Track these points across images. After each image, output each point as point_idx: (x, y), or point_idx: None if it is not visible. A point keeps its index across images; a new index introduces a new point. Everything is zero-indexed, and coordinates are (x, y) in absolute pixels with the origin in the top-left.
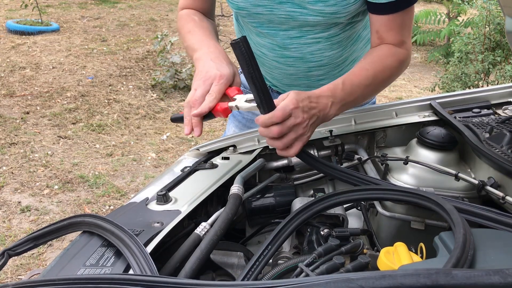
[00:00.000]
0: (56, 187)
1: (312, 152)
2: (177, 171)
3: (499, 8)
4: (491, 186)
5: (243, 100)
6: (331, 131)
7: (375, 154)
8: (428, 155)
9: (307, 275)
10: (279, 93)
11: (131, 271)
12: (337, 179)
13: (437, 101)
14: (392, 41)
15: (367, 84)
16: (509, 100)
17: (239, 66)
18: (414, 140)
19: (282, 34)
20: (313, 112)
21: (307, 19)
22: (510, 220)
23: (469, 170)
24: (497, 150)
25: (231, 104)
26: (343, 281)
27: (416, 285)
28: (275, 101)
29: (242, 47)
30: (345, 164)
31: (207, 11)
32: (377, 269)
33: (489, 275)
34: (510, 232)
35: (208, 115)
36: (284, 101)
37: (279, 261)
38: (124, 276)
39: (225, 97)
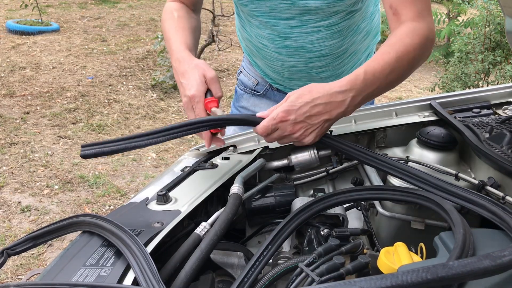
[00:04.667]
0: (56, 187)
1: (312, 151)
2: (177, 171)
3: (499, 8)
4: (491, 186)
5: (219, 113)
6: (331, 131)
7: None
8: (428, 155)
9: (307, 275)
10: (279, 91)
11: (131, 271)
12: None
13: (437, 101)
14: (408, 15)
15: (391, 69)
16: (509, 100)
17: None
18: (414, 140)
19: (283, 23)
20: (314, 119)
21: (308, 4)
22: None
23: (469, 170)
24: (497, 150)
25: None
26: (344, 284)
27: (417, 280)
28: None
29: (91, 151)
30: (345, 164)
31: (193, 2)
32: (377, 269)
33: (480, 261)
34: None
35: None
36: (272, 114)
37: (279, 261)
38: (121, 286)
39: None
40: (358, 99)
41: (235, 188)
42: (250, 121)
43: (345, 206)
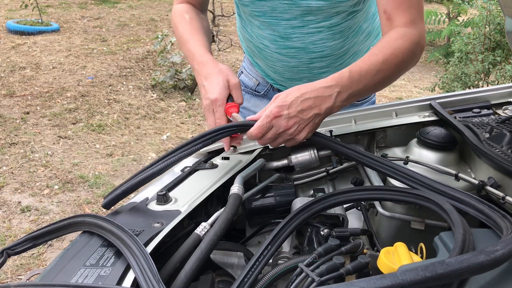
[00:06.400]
0: (56, 187)
1: (312, 151)
2: (177, 171)
3: (499, 8)
4: (491, 186)
5: (239, 119)
6: (331, 131)
7: (375, 154)
8: (428, 155)
9: (307, 275)
10: (280, 91)
11: (131, 271)
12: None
13: (437, 101)
14: (401, 21)
15: (377, 70)
16: (509, 100)
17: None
18: (414, 140)
19: (285, 24)
20: (306, 113)
21: (310, 4)
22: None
23: (469, 170)
24: (497, 150)
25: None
26: (345, 285)
27: (416, 279)
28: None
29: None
30: (345, 164)
31: (201, 3)
32: (377, 269)
33: (476, 256)
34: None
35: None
36: (265, 112)
37: (279, 261)
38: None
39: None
40: (345, 96)
41: (235, 188)
42: (243, 126)
43: (345, 206)
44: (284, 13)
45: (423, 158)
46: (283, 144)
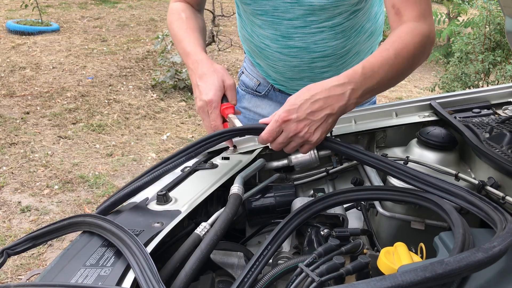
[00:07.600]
0: (56, 187)
1: (312, 151)
2: (177, 171)
3: (499, 8)
4: (491, 186)
5: (237, 122)
6: (331, 132)
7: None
8: (428, 155)
9: (307, 275)
10: (281, 91)
11: (131, 271)
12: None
13: (437, 101)
14: (410, 15)
15: (390, 65)
16: (509, 100)
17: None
18: (414, 140)
19: (286, 23)
20: (316, 115)
21: (312, 3)
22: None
23: (469, 170)
24: (497, 150)
25: (229, 125)
26: (345, 287)
27: (416, 279)
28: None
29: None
30: (345, 164)
31: (198, 2)
32: (377, 269)
33: (474, 254)
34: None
35: None
36: (275, 117)
37: (279, 261)
38: None
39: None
40: (359, 93)
41: (235, 188)
42: (254, 129)
43: (345, 206)
44: (286, 12)
45: (423, 158)
46: (297, 148)
